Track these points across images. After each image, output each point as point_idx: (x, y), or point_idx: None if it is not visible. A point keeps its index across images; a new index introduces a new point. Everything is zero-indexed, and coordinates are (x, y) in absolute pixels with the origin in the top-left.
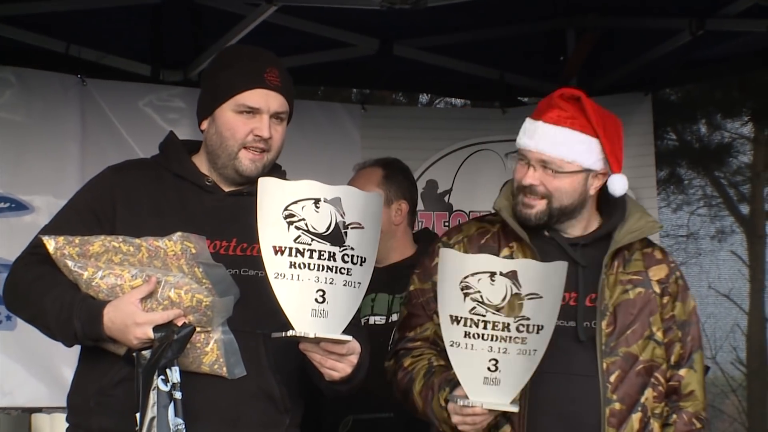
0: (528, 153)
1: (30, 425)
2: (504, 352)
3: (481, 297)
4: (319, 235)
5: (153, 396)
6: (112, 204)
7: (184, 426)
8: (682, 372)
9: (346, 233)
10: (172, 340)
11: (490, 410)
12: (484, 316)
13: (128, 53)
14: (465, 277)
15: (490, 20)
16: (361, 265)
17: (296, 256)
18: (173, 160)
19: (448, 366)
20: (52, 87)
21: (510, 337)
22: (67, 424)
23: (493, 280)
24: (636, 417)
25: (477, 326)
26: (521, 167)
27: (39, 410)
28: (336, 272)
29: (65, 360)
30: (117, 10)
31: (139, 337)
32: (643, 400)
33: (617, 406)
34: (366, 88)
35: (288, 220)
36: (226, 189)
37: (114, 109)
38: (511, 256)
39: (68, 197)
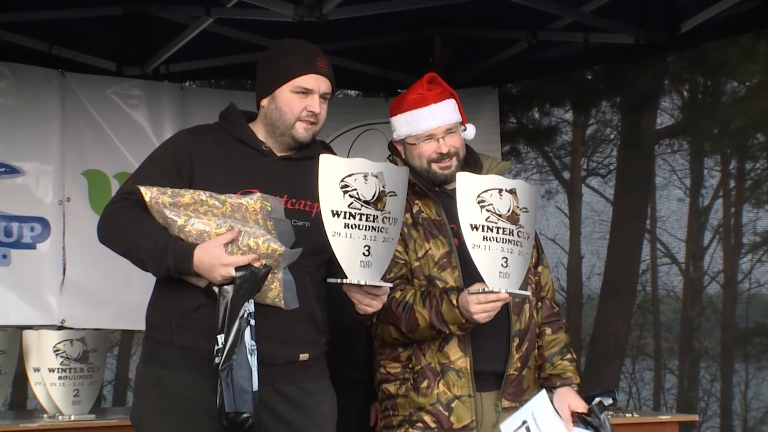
0: (435, 130)
1: (21, 339)
2: (511, 252)
3: (494, 208)
4: (367, 202)
5: (238, 323)
6: (191, 161)
7: (255, 346)
8: (540, 269)
9: (385, 200)
10: (257, 278)
11: (510, 293)
12: (496, 223)
13: (98, 53)
14: (480, 193)
15: (376, 30)
16: (394, 224)
17: (349, 218)
18: (236, 127)
19: (433, 287)
20: (39, 79)
21: (514, 241)
22: (145, 339)
23: (501, 195)
24: (526, 307)
25: (492, 231)
26: (430, 143)
27: (30, 327)
28: (378, 231)
29: (51, 290)
30: (89, 19)
31: (223, 275)
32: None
33: (516, 300)
34: None
35: (343, 189)
36: (279, 154)
37: (87, 96)
38: (420, 210)
39: (52, 163)
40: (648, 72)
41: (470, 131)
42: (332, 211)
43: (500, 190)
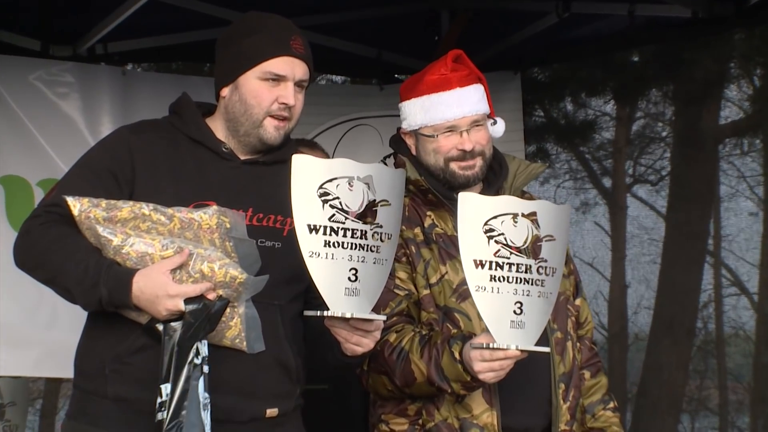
0: (460, 121)
1: None
2: (527, 295)
3: (505, 239)
4: (353, 213)
5: (187, 369)
6: (132, 166)
7: (209, 400)
8: (578, 302)
9: (376, 211)
10: (210, 313)
11: (522, 351)
12: (508, 258)
13: (18, 28)
14: (488, 220)
15: (368, 0)
16: (388, 242)
17: (330, 234)
18: (190, 123)
19: (435, 331)
20: None
21: (532, 280)
22: (73, 389)
23: (515, 222)
24: (569, 344)
25: (502, 269)
26: (451, 137)
27: None
28: (367, 250)
29: None
30: None
31: (169, 309)
32: (569, 328)
33: (559, 335)
34: None
35: (323, 198)
36: (243, 157)
37: (3, 82)
38: (433, 224)
39: None
40: (709, 53)
41: (500, 127)
42: (309, 226)
43: (514, 216)
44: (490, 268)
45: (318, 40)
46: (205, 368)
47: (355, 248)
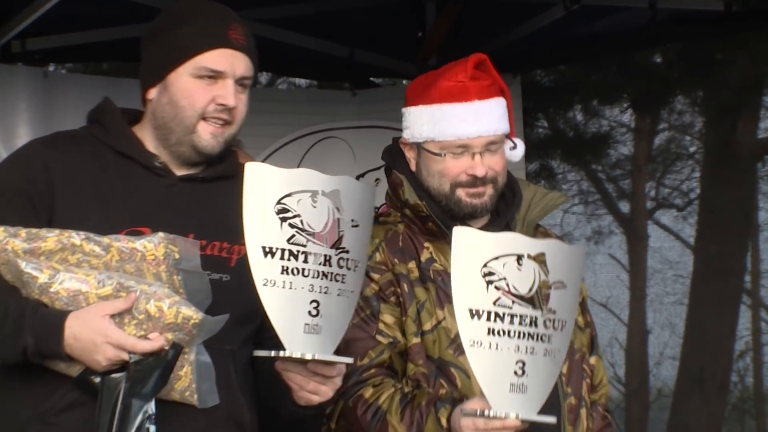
0: (474, 141)
1: None
2: (531, 353)
3: (507, 285)
4: (315, 235)
5: (131, 430)
6: (49, 187)
7: None
8: (593, 360)
9: (342, 233)
10: (165, 363)
11: (523, 421)
12: (510, 308)
13: None
14: (488, 262)
15: None
16: (354, 270)
17: (289, 259)
18: (115, 134)
19: (420, 389)
20: None
21: (537, 335)
22: None
23: (520, 265)
24: (583, 412)
25: (502, 321)
26: (461, 159)
27: None
28: (331, 279)
29: None
30: None
31: (110, 359)
32: (584, 393)
33: (572, 400)
34: None
35: (281, 215)
36: (178, 172)
37: None
38: (431, 259)
39: None
40: (746, 53)
41: (519, 151)
42: (264, 249)
43: (519, 257)
44: (488, 320)
45: (279, 37)
46: (152, 428)
47: (318, 276)
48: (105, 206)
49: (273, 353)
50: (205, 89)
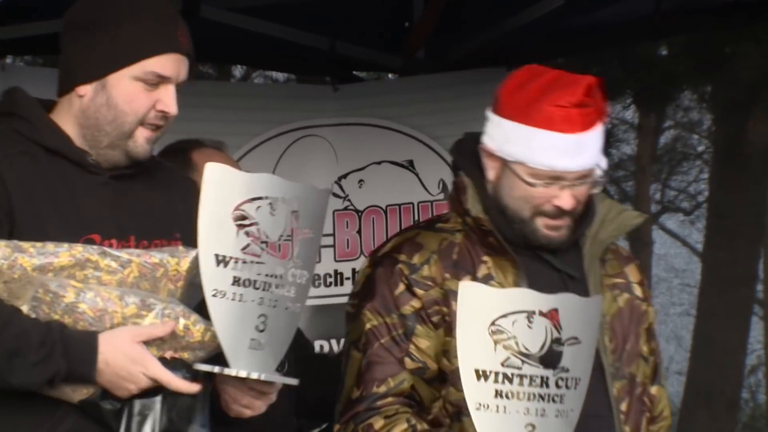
0: (568, 174)
1: None
2: (542, 415)
3: (517, 344)
4: (270, 245)
5: None
6: (7, 194)
7: None
8: (654, 390)
9: (296, 243)
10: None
11: None
12: (519, 368)
13: None
14: (496, 320)
15: None
16: (304, 284)
17: (242, 269)
18: (42, 130)
19: (433, 428)
20: None
21: (548, 395)
22: None
23: (530, 322)
24: None
25: (511, 382)
26: (549, 189)
27: None
28: (282, 293)
29: None
30: None
31: (142, 388)
32: (642, 428)
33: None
34: None
35: (238, 223)
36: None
37: None
38: (489, 276)
39: None
40: (758, 46)
41: (601, 181)
42: (217, 257)
43: (530, 314)
44: (496, 381)
45: (254, 27)
46: None
47: (268, 289)
48: (57, 213)
49: (217, 369)
50: (147, 94)
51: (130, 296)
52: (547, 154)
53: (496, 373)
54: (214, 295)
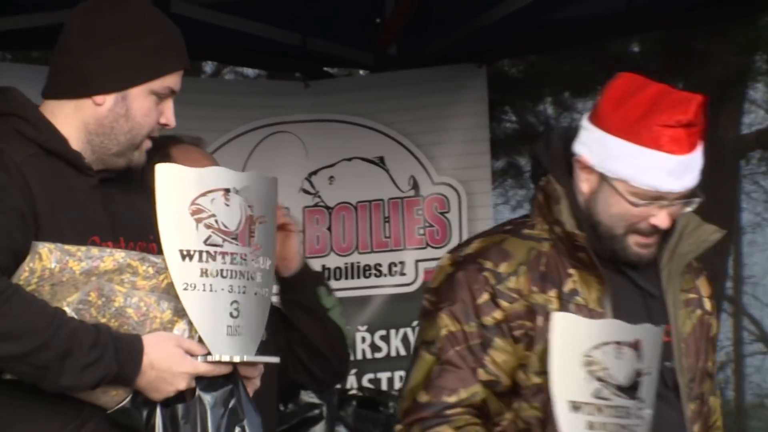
0: (671, 195)
1: None
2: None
3: (608, 375)
4: (230, 234)
5: None
6: (32, 197)
7: None
8: (712, 400)
9: (254, 230)
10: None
11: None
12: (609, 401)
13: None
14: (589, 350)
15: None
16: (267, 268)
17: (207, 261)
18: (43, 131)
19: None
20: None
21: (628, 426)
22: None
23: (619, 353)
24: None
25: (602, 413)
26: (648, 209)
27: None
28: (248, 278)
29: None
30: None
31: (180, 390)
32: None
33: None
34: None
35: (196, 216)
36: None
37: None
38: (575, 291)
39: None
40: (729, 43)
41: (696, 200)
42: (182, 252)
43: (618, 344)
44: (589, 413)
45: (224, 23)
46: None
47: (236, 276)
48: (67, 216)
49: (200, 358)
50: (156, 108)
51: (164, 302)
52: (653, 174)
53: (589, 406)
54: (185, 289)
